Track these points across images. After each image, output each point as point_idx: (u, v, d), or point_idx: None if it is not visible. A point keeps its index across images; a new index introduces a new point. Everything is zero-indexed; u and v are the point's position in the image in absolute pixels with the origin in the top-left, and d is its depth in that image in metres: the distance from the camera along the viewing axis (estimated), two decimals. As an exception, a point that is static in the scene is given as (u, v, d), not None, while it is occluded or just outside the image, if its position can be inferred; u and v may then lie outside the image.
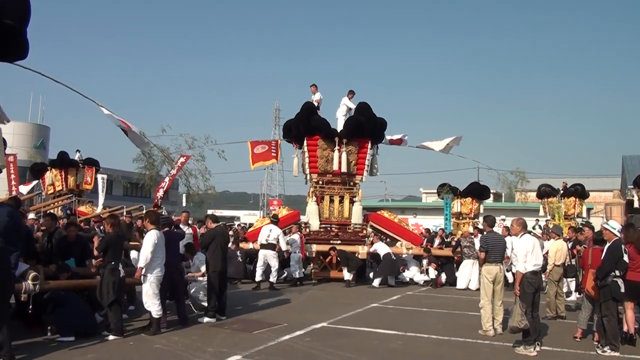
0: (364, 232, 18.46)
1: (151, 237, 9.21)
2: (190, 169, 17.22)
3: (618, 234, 8.94)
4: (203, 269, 11.15)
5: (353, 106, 18.47)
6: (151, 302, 9.21)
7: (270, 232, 15.60)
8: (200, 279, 11.36)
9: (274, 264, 15.37)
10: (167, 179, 17.30)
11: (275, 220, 16.50)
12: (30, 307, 8.18)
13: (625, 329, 9.08)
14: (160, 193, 19.65)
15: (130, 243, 12.31)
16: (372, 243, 17.64)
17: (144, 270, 9.11)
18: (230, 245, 14.01)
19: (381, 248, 16.94)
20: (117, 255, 8.99)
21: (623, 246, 8.75)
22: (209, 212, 32.30)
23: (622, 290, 8.64)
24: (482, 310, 9.94)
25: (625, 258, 8.69)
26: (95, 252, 9.50)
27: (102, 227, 13.69)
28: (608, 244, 8.95)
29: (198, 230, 15.37)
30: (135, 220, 17.23)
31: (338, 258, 17.10)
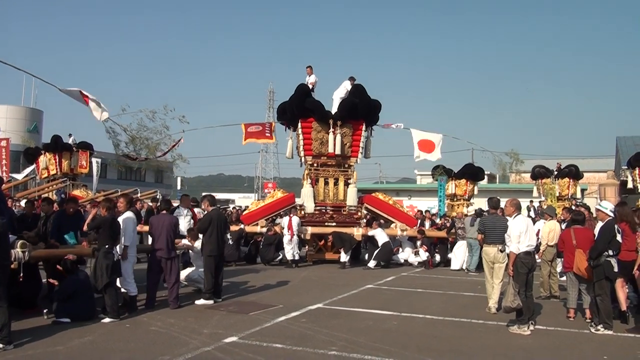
0: (359, 214, 18.50)
1: (131, 218, 9.54)
2: (155, 141, 17.29)
3: (611, 214, 8.99)
4: (197, 244, 11.28)
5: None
6: (126, 282, 9.42)
7: None
8: (193, 248, 11.46)
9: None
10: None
11: (194, 204, 16.66)
12: (21, 275, 8.20)
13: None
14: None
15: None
16: (369, 225, 17.71)
17: (120, 250, 9.33)
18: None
19: (380, 236, 16.99)
20: (111, 238, 8.98)
21: (616, 226, 8.81)
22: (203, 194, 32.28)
23: (616, 269, 8.71)
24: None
25: (619, 238, 8.75)
26: (85, 228, 9.47)
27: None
28: (601, 224, 9.01)
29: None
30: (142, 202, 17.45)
31: (333, 240, 17.16)
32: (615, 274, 8.75)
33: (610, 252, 8.69)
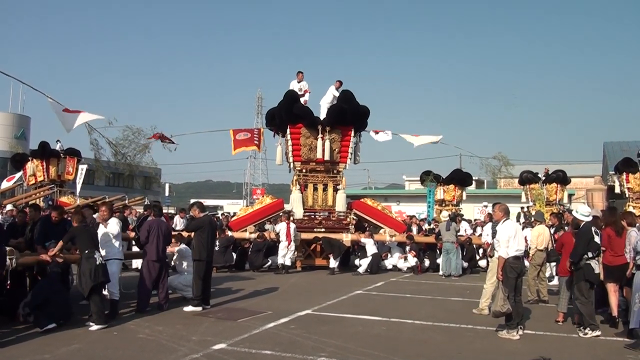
0: (348, 219, 18.49)
1: (116, 224, 9.71)
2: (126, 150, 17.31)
3: (583, 218, 9.07)
4: (182, 246, 11.37)
5: (337, 94, 18.45)
6: (111, 285, 9.44)
7: None
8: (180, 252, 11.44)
9: None
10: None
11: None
12: (9, 282, 8.12)
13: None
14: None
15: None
16: (357, 230, 17.72)
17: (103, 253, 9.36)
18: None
19: (370, 247, 17.01)
20: (91, 243, 8.90)
21: (593, 228, 8.88)
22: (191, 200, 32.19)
23: (596, 272, 8.77)
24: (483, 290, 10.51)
25: (597, 240, 8.81)
26: (61, 243, 9.33)
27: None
28: (579, 228, 9.10)
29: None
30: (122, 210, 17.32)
31: (322, 245, 17.14)
32: (596, 276, 8.81)
33: (590, 255, 8.75)
